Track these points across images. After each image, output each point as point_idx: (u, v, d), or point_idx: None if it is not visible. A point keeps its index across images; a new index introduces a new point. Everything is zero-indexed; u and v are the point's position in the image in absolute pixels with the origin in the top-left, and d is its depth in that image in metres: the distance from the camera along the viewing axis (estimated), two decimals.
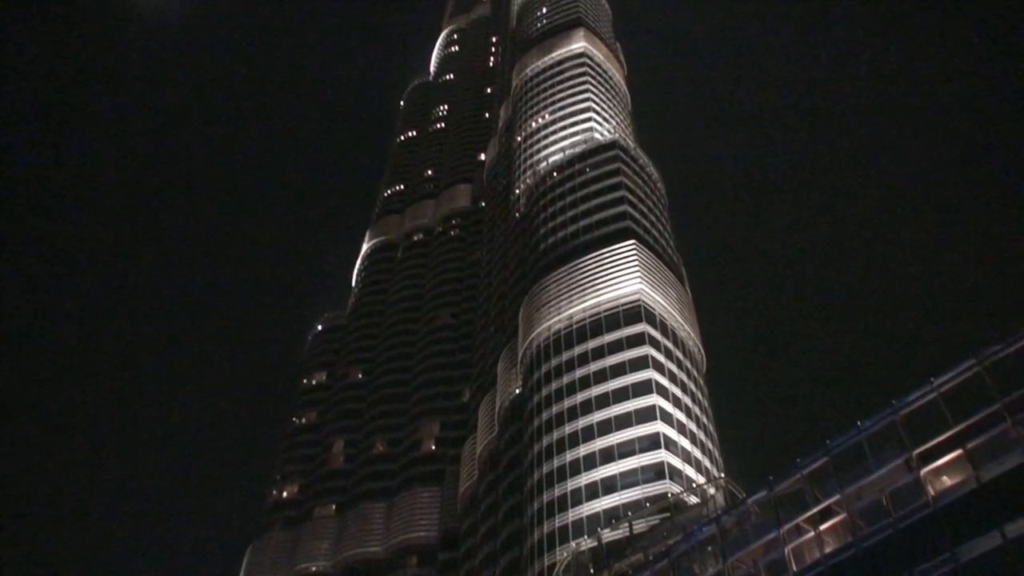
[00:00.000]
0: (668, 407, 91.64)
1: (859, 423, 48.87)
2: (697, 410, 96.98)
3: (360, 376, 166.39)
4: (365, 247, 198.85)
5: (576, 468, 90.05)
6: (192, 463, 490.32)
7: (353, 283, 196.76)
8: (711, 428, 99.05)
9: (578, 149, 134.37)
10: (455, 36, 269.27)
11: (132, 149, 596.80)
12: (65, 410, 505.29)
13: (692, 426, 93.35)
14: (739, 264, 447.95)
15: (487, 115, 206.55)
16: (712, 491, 78.11)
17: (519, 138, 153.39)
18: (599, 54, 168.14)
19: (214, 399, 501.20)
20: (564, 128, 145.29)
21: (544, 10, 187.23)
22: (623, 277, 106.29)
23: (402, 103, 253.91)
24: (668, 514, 76.39)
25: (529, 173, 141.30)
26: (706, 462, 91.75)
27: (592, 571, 75.54)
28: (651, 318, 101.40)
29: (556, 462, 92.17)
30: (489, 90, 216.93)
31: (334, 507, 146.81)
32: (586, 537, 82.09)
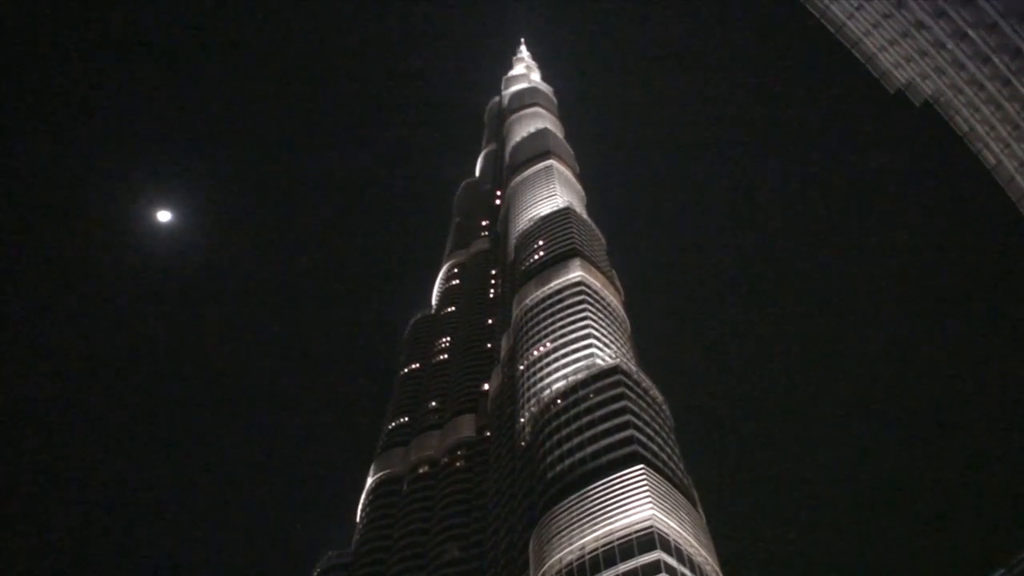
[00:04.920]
0: None
1: None
2: None
3: None
4: (369, 482, 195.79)
5: None
6: None
7: (358, 519, 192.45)
8: None
9: (580, 375, 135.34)
10: (455, 270, 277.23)
11: (138, 390, 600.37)
12: None
13: None
14: (752, 483, 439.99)
15: (489, 345, 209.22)
16: None
17: (521, 367, 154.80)
18: (596, 282, 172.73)
19: None
20: (566, 355, 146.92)
21: (540, 243, 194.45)
22: (634, 503, 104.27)
23: (405, 337, 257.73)
24: None
25: (533, 401, 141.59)
26: None
27: None
28: (665, 544, 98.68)
29: None
30: (490, 321, 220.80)
31: None
32: None
